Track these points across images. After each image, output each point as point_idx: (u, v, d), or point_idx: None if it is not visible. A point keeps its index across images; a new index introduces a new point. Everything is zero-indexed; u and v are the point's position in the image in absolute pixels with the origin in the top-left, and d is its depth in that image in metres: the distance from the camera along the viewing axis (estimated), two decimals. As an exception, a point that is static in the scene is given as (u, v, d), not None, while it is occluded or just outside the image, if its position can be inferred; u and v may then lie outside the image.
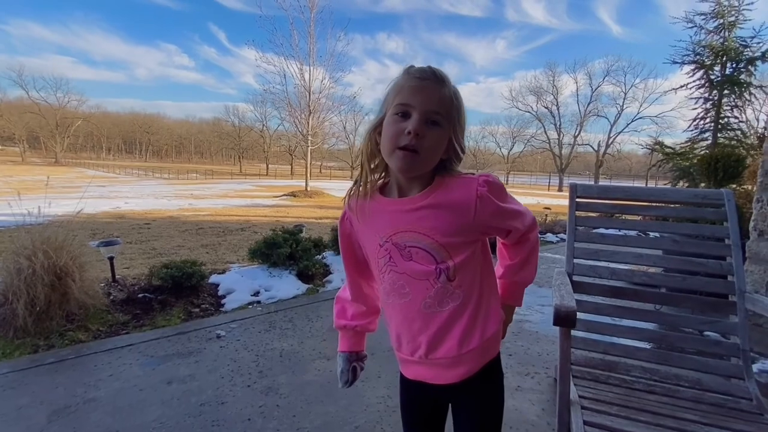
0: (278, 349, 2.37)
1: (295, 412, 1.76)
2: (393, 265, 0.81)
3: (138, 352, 2.29)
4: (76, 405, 1.78)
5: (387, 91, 0.80)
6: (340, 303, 1.00)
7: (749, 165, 4.87)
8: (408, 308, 0.82)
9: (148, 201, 12.98)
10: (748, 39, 7.15)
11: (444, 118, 0.76)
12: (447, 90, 0.77)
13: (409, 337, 0.84)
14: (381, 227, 0.82)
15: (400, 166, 0.76)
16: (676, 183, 6.85)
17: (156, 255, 5.10)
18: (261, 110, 46.24)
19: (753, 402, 1.41)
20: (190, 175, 35.23)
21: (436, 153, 0.77)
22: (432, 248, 0.78)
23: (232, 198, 15.48)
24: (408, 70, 0.78)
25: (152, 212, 9.95)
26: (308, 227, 5.68)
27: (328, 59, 17.53)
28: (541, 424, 1.71)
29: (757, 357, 2.38)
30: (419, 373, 0.86)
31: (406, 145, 0.74)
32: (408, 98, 0.75)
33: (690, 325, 1.92)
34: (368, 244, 0.86)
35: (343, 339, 1.00)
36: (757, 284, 3.07)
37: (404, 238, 0.79)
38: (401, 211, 0.80)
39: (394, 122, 0.76)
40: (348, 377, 0.99)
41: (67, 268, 2.62)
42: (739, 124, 7.46)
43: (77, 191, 13.13)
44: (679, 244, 2.13)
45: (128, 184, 22.67)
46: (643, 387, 1.51)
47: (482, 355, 0.83)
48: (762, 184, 3.12)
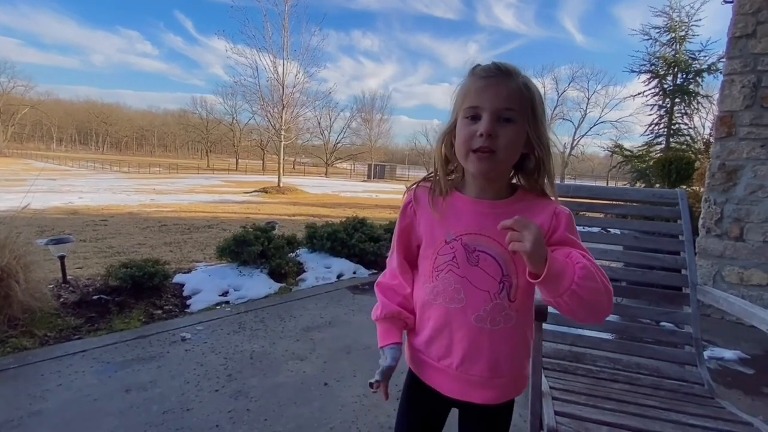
0: (248, 350, 2.29)
1: (267, 416, 1.70)
2: (455, 266, 0.77)
3: (92, 358, 2.13)
4: (20, 419, 1.62)
5: (455, 96, 0.78)
6: (382, 291, 0.89)
7: (698, 168, 5.25)
8: (457, 315, 0.77)
9: (105, 196, 12.23)
10: (697, 52, 7.76)
11: (517, 113, 0.73)
12: (515, 83, 0.73)
13: (445, 343, 0.79)
14: (453, 224, 0.78)
15: (477, 169, 0.74)
16: (634, 183, 7.29)
17: (113, 254, 4.81)
18: (231, 103, 44.72)
19: (705, 387, 1.51)
20: (152, 169, 33.52)
21: (514, 151, 0.75)
22: (502, 258, 0.75)
23: (199, 194, 14.87)
24: (473, 71, 0.76)
25: (109, 208, 9.37)
26: (281, 224, 5.54)
27: (303, 53, 17.33)
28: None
29: (706, 345, 2.57)
30: (437, 382, 0.83)
31: (480, 147, 0.72)
32: (476, 99, 0.73)
33: (648, 316, 2.03)
34: (431, 239, 0.81)
35: (386, 331, 0.86)
36: (706, 277, 3.31)
37: (476, 240, 0.76)
38: (480, 212, 0.78)
39: (465, 126, 0.75)
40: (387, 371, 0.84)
41: (10, 268, 2.40)
42: (688, 130, 8.05)
43: (23, 184, 12.16)
44: (639, 240, 2.25)
45: (82, 177, 21.25)
46: (608, 376, 1.58)
47: (514, 385, 0.82)
48: (709, 185, 3.37)
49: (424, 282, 0.83)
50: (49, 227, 6.28)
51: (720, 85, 3.40)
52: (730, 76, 3.27)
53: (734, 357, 2.46)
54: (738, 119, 3.23)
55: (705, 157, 5.32)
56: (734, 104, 3.24)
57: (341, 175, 47.18)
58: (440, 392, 0.82)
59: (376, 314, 0.89)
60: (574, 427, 1.11)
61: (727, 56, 3.29)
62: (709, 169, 3.41)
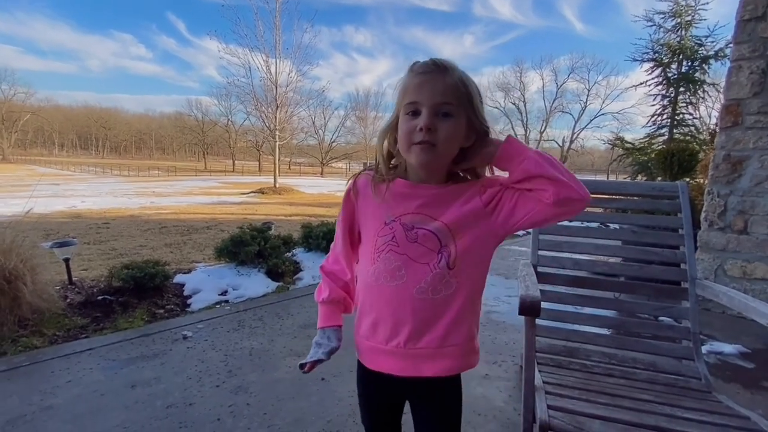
0: (248, 347, 2.32)
1: (267, 410, 1.72)
2: (394, 245, 0.80)
3: (99, 356, 2.17)
4: (32, 413, 1.67)
5: (396, 93, 0.81)
6: (327, 274, 0.92)
7: (702, 159, 5.17)
8: (399, 292, 0.80)
9: (107, 199, 12.34)
10: (703, 38, 7.48)
11: (455, 107, 0.75)
12: (452, 78, 0.75)
13: (390, 323, 0.81)
14: (392, 207, 0.82)
15: (419, 161, 0.77)
16: (635, 177, 7.19)
17: (116, 255, 4.86)
18: (225, 104, 44.78)
19: (702, 381, 1.51)
20: (151, 172, 33.76)
21: (454, 143, 0.77)
22: (439, 231, 0.78)
23: (197, 195, 14.94)
24: (412, 68, 0.79)
25: (111, 211, 9.46)
26: (277, 225, 5.57)
27: (295, 51, 17.19)
28: (508, 409, 1.76)
29: (706, 339, 2.56)
30: (387, 365, 0.84)
31: (420, 141, 0.74)
32: (414, 95, 0.76)
33: (646, 311, 2.03)
34: (370, 223, 0.84)
35: (332, 313, 0.91)
36: (707, 271, 3.29)
37: (414, 219, 0.80)
38: (418, 195, 0.81)
39: (406, 121, 0.77)
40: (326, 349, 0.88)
41: (17, 270, 2.45)
42: (693, 120, 7.87)
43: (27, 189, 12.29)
44: (637, 234, 2.25)
45: (84, 181, 21.44)
46: (603, 371, 1.58)
47: (463, 356, 0.83)
48: (713, 177, 3.31)
49: (366, 266, 0.85)
50: (53, 231, 6.36)
51: (727, 72, 3.26)
52: (737, 62, 3.14)
53: (734, 351, 2.45)
54: (745, 107, 3.11)
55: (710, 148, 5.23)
56: (741, 91, 3.12)
57: (337, 174, 47.11)
58: (391, 374, 0.83)
59: (322, 296, 0.91)
60: (566, 420, 1.12)
61: (735, 41, 3.16)
62: (713, 160, 3.33)
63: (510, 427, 1.65)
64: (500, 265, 4.63)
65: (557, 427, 1.10)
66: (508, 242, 6.13)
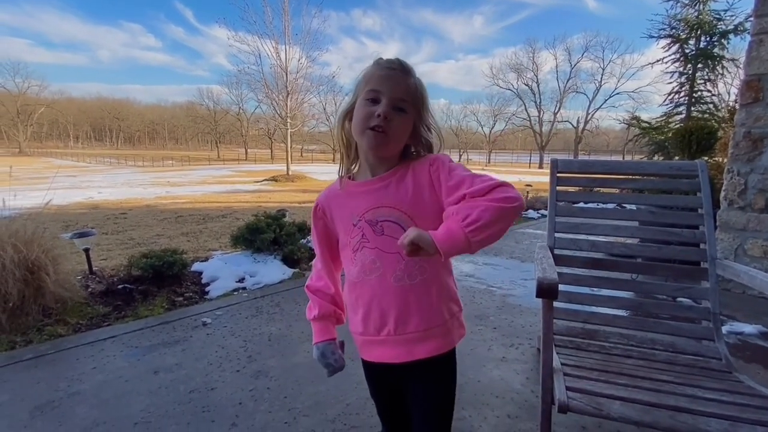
0: (266, 333, 2.37)
1: (286, 394, 1.77)
2: (366, 242, 0.86)
3: (121, 343, 2.24)
4: (60, 399, 1.74)
5: (358, 80, 0.87)
6: (314, 292, 0.98)
7: (721, 137, 5.01)
8: (379, 283, 0.85)
9: (123, 190, 12.55)
10: (722, 12, 7.19)
11: (409, 105, 0.84)
12: (412, 81, 0.84)
13: (378, 314, 0.86)
14: (354, 209, 0.87)
15: (370, 144, 0.83)
16: (651, 156, 7.01)
17: (134, 245, 4.97)
18: (236, 92, 44.88)
19: (722, 361, 1.49)
20: (165, 162, 34.12)
21: (402, 136, 0.85)
22: (400, 219, 0.84)
23: (211, 184, 15.11)
24: (378, 61, 0.86)
25: (128, 201, 9.62)
26: (291, 212, 5.62)
27: (304, 37, 17.07)
28: (526, 392, 1.78)
29: (726, 319, 2.52)
30: (383, 354, 0.89)
31: (375, 126, 0.81)
32: (378, 85, 0.82)
33: (664, 292, 2.00)
34: (342, 230, 0.90)
35: (324, 327, 0.98)
36: (727, 251, 3.22)
37: (376, 213, 0.85)
38: (371, 190, 0.87)
39: (365, 106, 0.83)
40: (336, 361, 0.96)
41: (40, 261, 2.52)
42: (711, 97, 7.62)
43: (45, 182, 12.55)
44: (655, 215, 2.20)
45: (100, 173, 21.80)
46: (621, 352, 1.57)
47: (451, 332, 0.89)
48: (733, 155, 3.22)
49: (348, 269, 0.91)
50: (72, 222, 6.51)
51: (747, 47, 3.16)
52: (758, 36, 3.03)
53: (755, 331, 2.41)
54: (766, 83, 3.01)
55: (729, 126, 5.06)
56: (762, 66, 3.02)
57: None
58: (389, 362, 0.88)
59: (312, 314, 0.97)
60: (585, 402, 1.12)
61: (756, 14, 3.04)
62: (732, 138, 3.25)
63: (528, 409, 1.66)
64: (515, 248, 4.60)
65: (576, 408, 1.11)
66: (522, 225, 6.08)
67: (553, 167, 2.00)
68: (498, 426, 1.55)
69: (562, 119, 43.51)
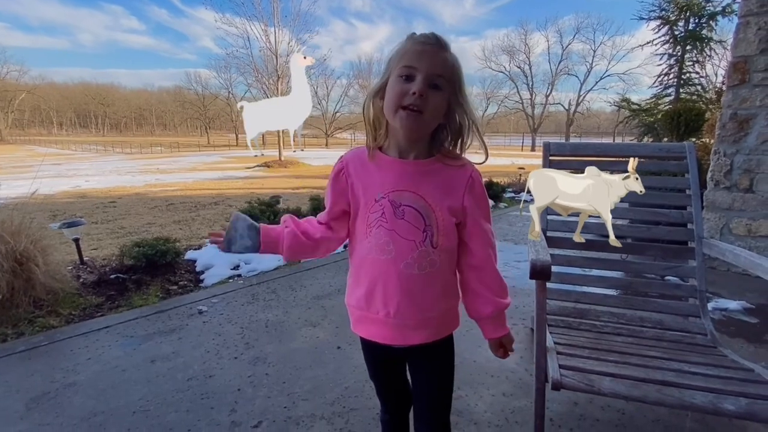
0: (263, 320, 2.38)
1: (285, 379, 1.79)
2: (384, 221, 0.83)
3: (116, 333, 2.24)
4: (56, 390, 1.74)
5: (390, 56, 0.82)
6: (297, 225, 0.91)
7: (708, 119, 5.07)
8: (387, 266, 0.84)
9: (111, 178, 12.29)
10: None
11: (446, 82, 0.79)
12: (450, 56, 0.80)
13: (381, 294, 0.86)
14: (381, 183, 0.84)
15: (404, 125, 0.79)
16: (641, 138, 7.07)
17: (125, 234, 4.90)
18: (225, 76, 43.60)
19: (708, 337, 1.55)
20: (154, 149, 33.37)
21: (438, 115, 0.80)
22: (424, 210, 0.82)
23: (202, 171, 14.84)
24: (412, 36, 0.81)
25: (117, 189, 9.44)
26: (285, 198, 5.59)
27: (294, 19, 16.68)
28: (520, 370, 1.82)
29: (712, 296, 2.60)
30: (377, 333, 0.90)
31: (410, 105, 0.76)
32: (412, 61, 0.78)
33: (653, 271, 2.04)
34: (363, 198, 0.86)
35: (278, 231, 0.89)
36: (713, 230, 3.30)
37: (401, 196, 0.83)
38: (403, 171, 0.84)
39: (398, 83, 0.78)
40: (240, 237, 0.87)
41: (28, 252, 2.48)
42: (699, 79, 7.66)
43: (30, 171, 12.24)
44: (644, 196, 2.23)
45: (87, 160, 21.27)
46: (611, 330, 1.62)
47: (446, 324, 0.92)
48: (719, 136, 3.27)
49: (359, 241, 0.89)
50: (60, 211, 6.38)
51: (734, 29, 3.19)
52: (745, 18, 3.07)
53: (738, 307, 2.50)
54: (752, 64, 3.06)
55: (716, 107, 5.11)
56: (749, 48, 3.06)
57: (342, 145, 46.33)
58: (384, 343, 0.90)
59: (285, 223, 0.91)
60: (578, 379, 1.16)
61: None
62: (719, 119, 3.29)
63: (522, 387, 1.71)
64: (508, 231, 4.65)
65: (569, 386, 1.14)
66: (515, 208, 6.12)
67: (545, 150, 2.01)
68: (494, 404, 1.60)
69: (553, 102, 43.41)
